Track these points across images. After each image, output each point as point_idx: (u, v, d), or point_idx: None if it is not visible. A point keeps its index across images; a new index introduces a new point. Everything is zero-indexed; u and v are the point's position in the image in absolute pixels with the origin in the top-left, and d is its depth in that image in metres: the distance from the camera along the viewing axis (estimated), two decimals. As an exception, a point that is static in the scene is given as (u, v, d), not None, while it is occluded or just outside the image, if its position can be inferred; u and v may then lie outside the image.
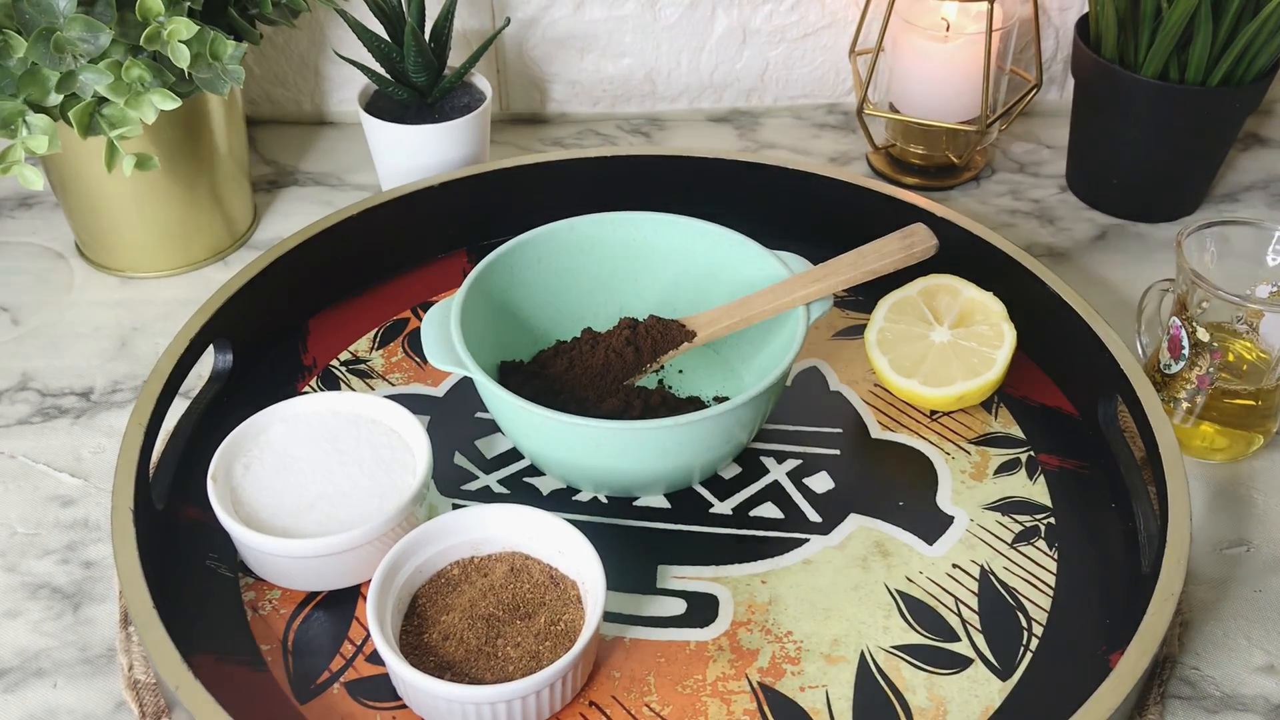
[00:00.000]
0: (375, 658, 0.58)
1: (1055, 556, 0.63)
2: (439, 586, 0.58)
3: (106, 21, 0.68)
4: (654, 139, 1.01)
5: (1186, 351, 0.68)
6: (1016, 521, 0.65)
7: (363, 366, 0.74)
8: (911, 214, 0.77)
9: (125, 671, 0.58)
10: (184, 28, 0.68)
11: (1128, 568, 0.62)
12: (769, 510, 0.65)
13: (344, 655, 0.58)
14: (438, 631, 0.56)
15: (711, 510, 0.66)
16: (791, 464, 0.68)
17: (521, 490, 0.67)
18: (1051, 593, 0.61)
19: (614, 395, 0.67)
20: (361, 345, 0.76)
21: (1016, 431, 0.70)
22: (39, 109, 0.68)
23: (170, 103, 0.69)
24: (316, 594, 0.61)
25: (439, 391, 0.73)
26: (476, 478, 0.67)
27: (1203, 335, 0.67)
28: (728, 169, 0.83)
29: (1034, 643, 0.59)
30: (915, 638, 0.59)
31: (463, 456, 0.68)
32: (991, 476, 0.67)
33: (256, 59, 0.98)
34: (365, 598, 0.58)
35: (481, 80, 0.88)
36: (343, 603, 0.60)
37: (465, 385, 0.73)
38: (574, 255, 0.72)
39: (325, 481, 0.61)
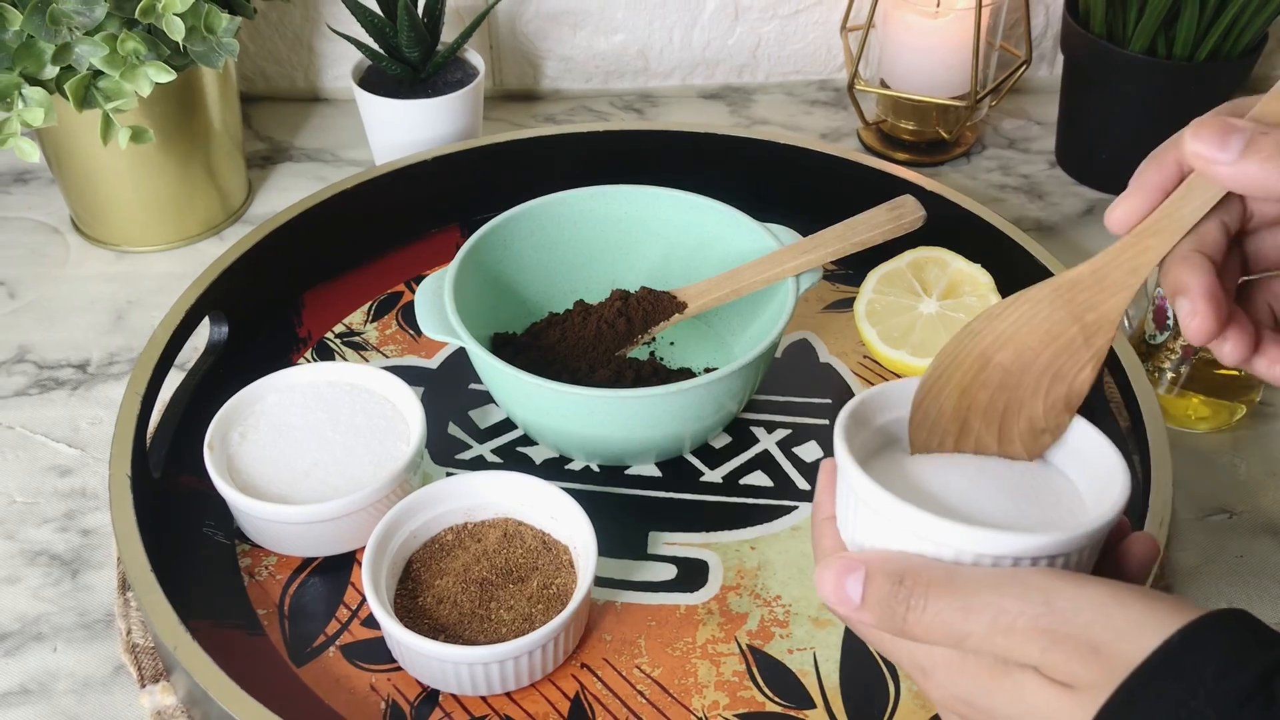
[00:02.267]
0: (370, 621, 0.59)
1: (1040, 523, 0.64)
2: (433, 551, 0.59)
3: (101, -5, 0.68)
4: (646, 115, 1.01)
5: (1171, 322, 0.69)
6: (1002, 489, 0.66)
7: (357, 339, 0.75)
8: (902, 189, 0.78)
9: (124, 636, 0.59)
10: (179, 1, 0.68)
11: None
12: (759, 478, 0.66)
13: (339, 619, 0.59)
14: (432, 595, 0.57)
15: (702, 478, 0.66)
16: (781, 433, 0.69)
17: (515, 459, 0.67)
18: (1036, 558, 0.62)
19: (606, 366, 0.68)
20: (356, 318, 0.77)
21: (1003, 402, 0.71)
22: (35, 82, 0.69)
23: (165, 76, 0.70)
24: (312, 560, 0.62)
25: (433, 363, 0.73)
26: (470, 447, 0.68)
27: (1187, 306, 0.68)
28: (719, 144, 0.84)
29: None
30: (902, 602, 0.60)
31: (456, 426, 0.69)
32: (978, 446, 0.68)
33: (251, 35, 0.98)
34: (360, 563, 0.59)
35: (474, 56, 0.89)
36: (338, 568, 0.61)
37: (458, 357, 0.74)
38: (566, 228, 0.73)
39: (320, 449, 0.62)
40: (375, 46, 0.86)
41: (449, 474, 0.66)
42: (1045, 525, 0.42)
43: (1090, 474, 0.44)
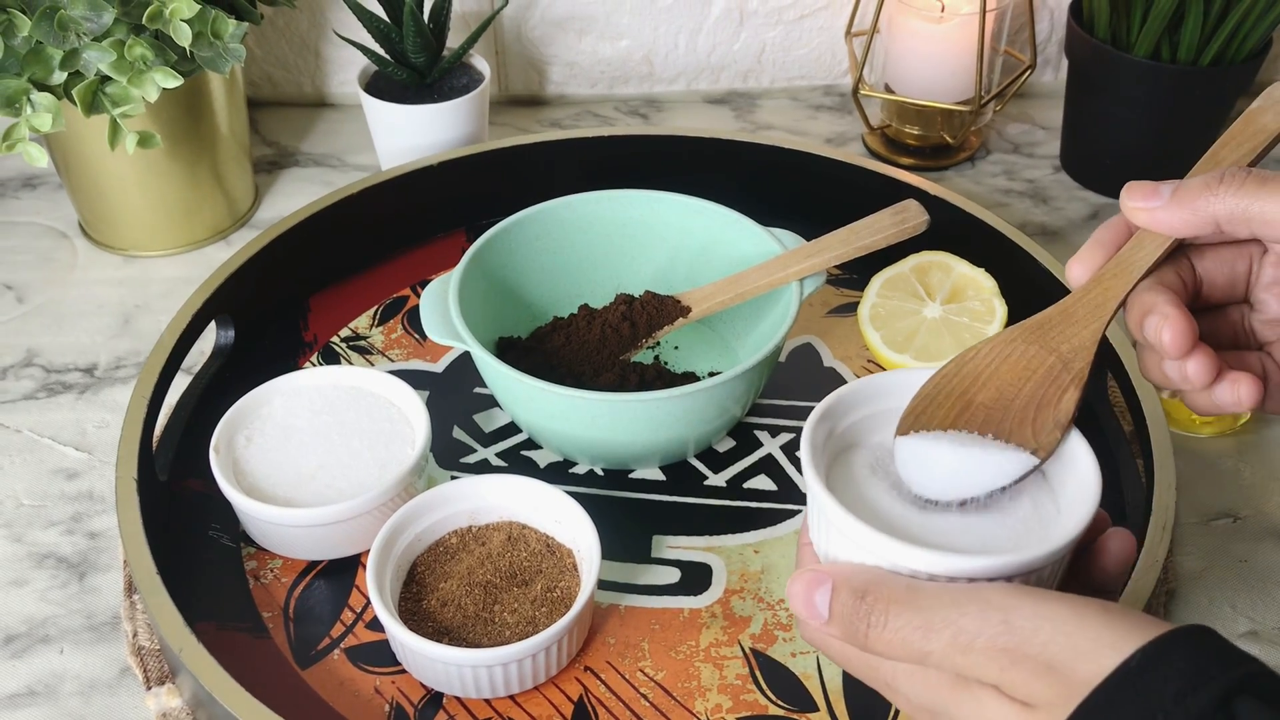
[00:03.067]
0: (375, 624, 0.59)
1: (1044, 527, 0.64)
2: (437, 554, 0.59)
3: (109, 0, 0.68)
4: (651, 120, 1.01)
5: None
6: (1006, 493, 0.66)
7: (363, 343, 0.75)
8: (906, 193, 0.78)
9: (130, 638, 0.59)
10: (186, 6, 0.69)
11: (1115, 538, 0.62)
12: (762, 482, 0.66)
13: (344, 622, 0.59)
14: (436, 598, 0.57)
15: (706, 482, 0.67)
16: (785, 438, 0.69)
17: (519, 463, 0.68)
18: (1040, 562, 0.62)
19: (610, 370, 0.68)
20: (361, 322, 0.77)
21: (1007, 406, 0.71)
22: (43, 87, 0.69)
23: (172, 81, 0.70)
24: (317, 563, 0.62)
25: (438, 367, 0.74)
26: (475, 451, 0.68)
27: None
28: (724, 148, 0.84)
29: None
30: (905, 606, 0.60)
31: (461, 430, 0.69)
32: (982, 450, 0.68)
33: (257, 41, 0.99)
34: (365, 566, 0.59)
35: (480, 61, 0.89)
36: (343, 571, 0.62)
37: (463, 361, 0.74)
38: (571, 233, 0.73)
39: (326, 453, 0.62)
40: (381, 52, 0.86)
41: (453, 477, 0.67)
42: (1013, 538, 0.43)
43: (1071, 484, 0.44)
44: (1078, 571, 0.45)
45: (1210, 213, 0.42)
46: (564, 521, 0.59)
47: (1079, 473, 0.44)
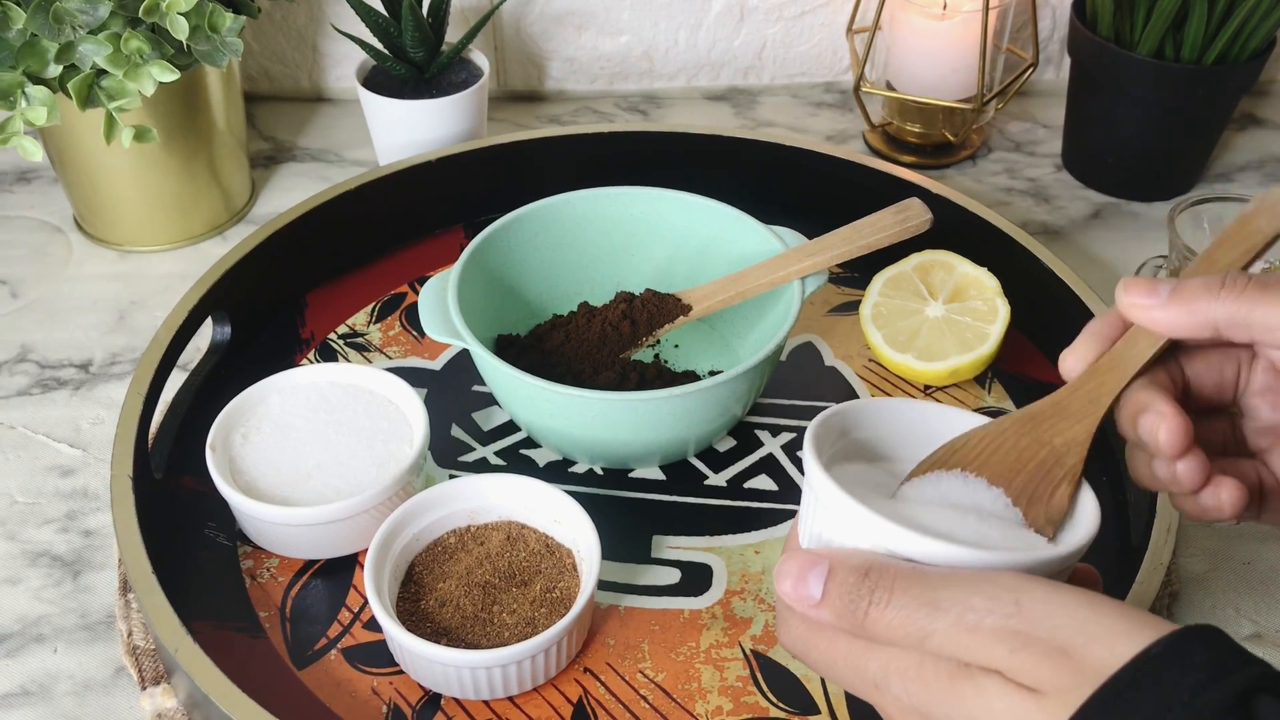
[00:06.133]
0: (372, 624, 0.58)
1: (1046, 528, 0.63)
2: (436, 554, 0.58)
3: (105, -7, 0.68)
4: (651, 117, 1.01)
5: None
6: (1008, 494, 0.65)
7: (360, 340, 0.75)
8: (908, 191, 0.78)
9: (125, 638, 0.59)
10: (183, 0, 0.68)
11: (1118, 540, 0.62)
12: (763, 482, 0.66)
13: (341, 622, 0.59)
14: (434, 598, 0.56)
15: (706, 482, 0.66)
16: (786, 437, 0.69)
17: (518, 462, 0.67)
18: (1042, 564, 0.62)
19: (610, 369, 0.68)
20: (359, 319, 0.76)
21: (1010, 406, 0.71)
22: (38, 80, 0.69)
23: (169, 75, 0.70)
24: (314, 562, 0.61)
25: (436, 365, 0.73)
26: (473, 449, 0.68)
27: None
28: (724, 146, 0.84)
29: None
30: (907, 607, 0.60)
31: (460, 429, 0.69)
32: (984, 450, 0.68)
33: (255, 35, 0.98)
34: (362, 566, 0.59)
35: (479, 56, 0.88)
36: (340, 571, 0.61)
37: (462, 359, 0.73)
38: (570, 230, 0.72)
39: (323, 451, 0.62)
40: (380, 46, 0.86)
41: (452, 476, 0.66)
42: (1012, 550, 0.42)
43: (1069, 526, 0.44)
44: None
45: (1210, 317, 0.42)
46: (563, 521, 0.59)
47: (1082, 516, 0.43)
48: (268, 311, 0.75)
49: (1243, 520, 0.45)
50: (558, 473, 0.66)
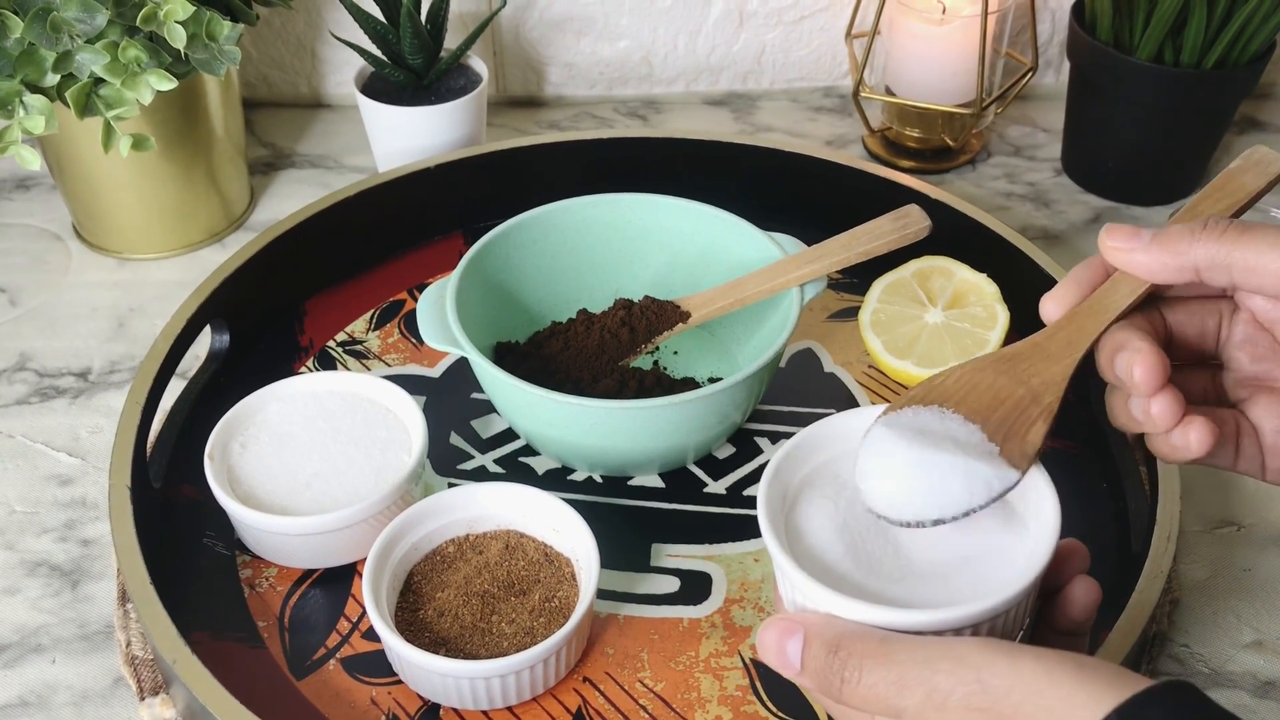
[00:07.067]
0: (371, 634, 0.58)
1: (1047, 536, 0.63)
2: (434, 564, 0.58)
3: (103, 2, 0.68)
4: (650, 122, 1.01)
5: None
6: (1008, 501, 0.65)
7: (359, 347, 0.75)
8: (907, 197, 0.78)
9: (123, 648, 0.59)
10: (180, 8, 0.68)
11: (1118, 547, 0.62)
12: (763, 490, 0.66)
13: (340, 632, 0.59)
14: (433, 608, 0.56)
15: (706, 489, 0.66)
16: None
17: (517, 470, 0.67)
18: (1042, 571, 0.61)
19: (609, 376, 0.67)
20: (358, 326, 0.76)
21: (1009, 412, 0.70)
22: (36, 89, 0.69)
23: (167, 83, 0.70)
24: (313, 571, 0.61)
25: (435, 372, 0.73)
26: (472, 457, 0.68)
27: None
28: (723, 151, 0.83)
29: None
30: (907, 615, 0.59)
31: (458, 436, 0.69)
32: (984, 457, 0.68)
33: (253, 41, 0.98)
34: (361, 575, 0.59)
35: (478, 62, 0.88)
36: (339, 580, 0.61)
37: (461, 366, 0.73)
38: (569, 237, 0.72)
39: (321, 460, 0.62)
40: (378, 53, 0.85)
41: (451, 485, 0.66)
42: (974, 586, 0.42)
43: (1033, 524, 0.44)
44: (1045, 617, 0.46)
45: (1191, 258, 0.42)
46: (562, 530, 0.59)
47: (1042, 514, 0.43)
48: (266, 319, 0.75)
49: (1219, 466, 0.46)
50: (557, 480, 0.66)
